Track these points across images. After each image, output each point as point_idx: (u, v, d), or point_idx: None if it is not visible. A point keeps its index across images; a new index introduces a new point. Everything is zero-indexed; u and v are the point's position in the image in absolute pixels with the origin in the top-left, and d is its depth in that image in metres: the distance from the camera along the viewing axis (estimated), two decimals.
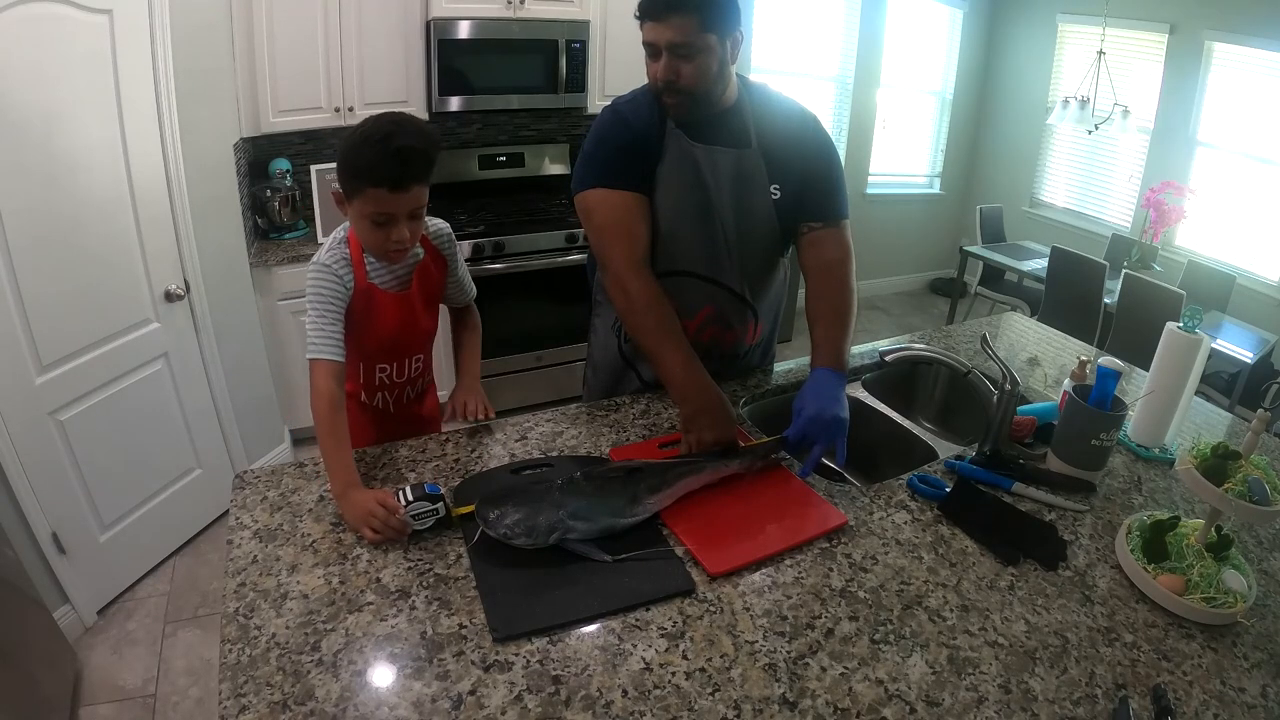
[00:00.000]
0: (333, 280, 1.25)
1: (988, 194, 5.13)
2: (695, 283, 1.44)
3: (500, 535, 1.03)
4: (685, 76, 1.26)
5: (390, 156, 1.15)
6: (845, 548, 1.11)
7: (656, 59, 1.27)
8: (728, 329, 1.51)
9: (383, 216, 1.20)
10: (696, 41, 1.24)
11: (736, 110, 1.38)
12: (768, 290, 1.54)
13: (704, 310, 1.47)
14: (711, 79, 1.29)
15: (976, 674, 0.91)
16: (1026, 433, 1.41)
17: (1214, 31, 3.89)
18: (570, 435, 1.36)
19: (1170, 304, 3.10)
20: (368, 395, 1.45)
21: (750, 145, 1.38)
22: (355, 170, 1.18)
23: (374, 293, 1.30)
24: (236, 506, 1.14)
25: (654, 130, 1.35)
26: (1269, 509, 0.98)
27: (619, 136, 1.35)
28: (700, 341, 1.45)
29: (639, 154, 1.35)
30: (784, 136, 1.40)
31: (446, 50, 2.89)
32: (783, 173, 1.40)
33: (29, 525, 1.88)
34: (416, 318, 1.38)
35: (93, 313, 2.01)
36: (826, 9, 4.42)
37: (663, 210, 1.38)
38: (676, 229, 1.39)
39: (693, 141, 1.35)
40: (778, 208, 1.42)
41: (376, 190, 1.17)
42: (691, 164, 1.36)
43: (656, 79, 1.29)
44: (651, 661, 0.89)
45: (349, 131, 1.21)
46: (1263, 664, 0.96)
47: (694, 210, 1.38)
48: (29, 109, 1.76)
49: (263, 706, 0.81)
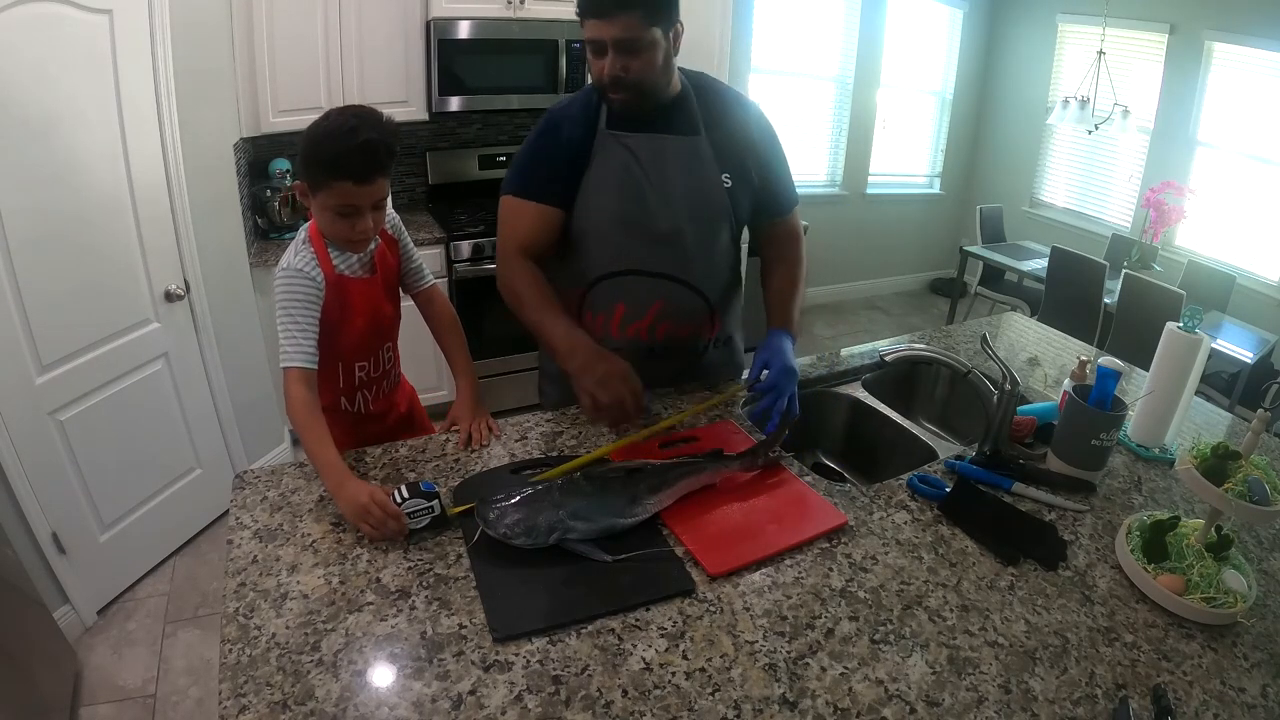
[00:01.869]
0: (305, 283, 1.25)
1: (988, 194, 5.13)
2: (639, 279, 1.42)
3: (500, 535, 1.03)
4: (633, 71, 1.28)
5: (355, 151, 1.17)
6: (845, 548, 1.11)
7: (601, 56, 1.28)
8: (682, 322, 1.47)
9: (348, 208, 1.22)
10: (643, 36, 1.25)
11: (682, 100, 1.39)
12: (722, 281, 1.51)
13: (654, 306, 1.44)
14: (658, 72, 1.31)
15: (976, 674, 0.91)
16: (1026, 433, 1.41)
17: (1214, 31, 3.89)
18: (570, 435, 1.36)
19: (1170, 304, 3.10)
20: (348, 401, 1.44)
21: (699, 133, 1.39)
22: (320, 165, 1.20)
23: (344, 283, 1.32)
24: (236, 506, 1.14)
25: (585, 136, 1.37)
26: (1269, 509, 0.98)
27: (545, 148, 1.38)
28: (656, 341, 1.45)
29: (562, 165, 1.37)
30: (732, 125, 1.41)
31: (446, 50, 2.90)
32: (733, 161, 1.41)
33: (29, 525, 1.87)
34: (381, 304, 1.40)
35: (93, 313, 2.01)
36: (826, 9, 4.42)
37: (596, 213, 1.38)
38: (611, 230, 1.39)
39: (632, 133, 1.36)
40: (730, 195, 1.42)
41: (342, 184, 1.19)
42: (628, 160, 1.36)
43: (602, 76, 1.30)
44: (651, 661, 0.89)
45: (311, 125, 1.22)
46: (1263, 664, 0.96)
47: (632, 206, 1.37)
48: (29, 109, 1.76)
49: (263, 706, 0.81)
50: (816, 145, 4.77)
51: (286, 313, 1.24)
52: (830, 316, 4.90)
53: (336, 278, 1.31)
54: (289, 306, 1.24)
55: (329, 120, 1.21)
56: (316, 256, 1.28)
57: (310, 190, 1.24)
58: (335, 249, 1.32)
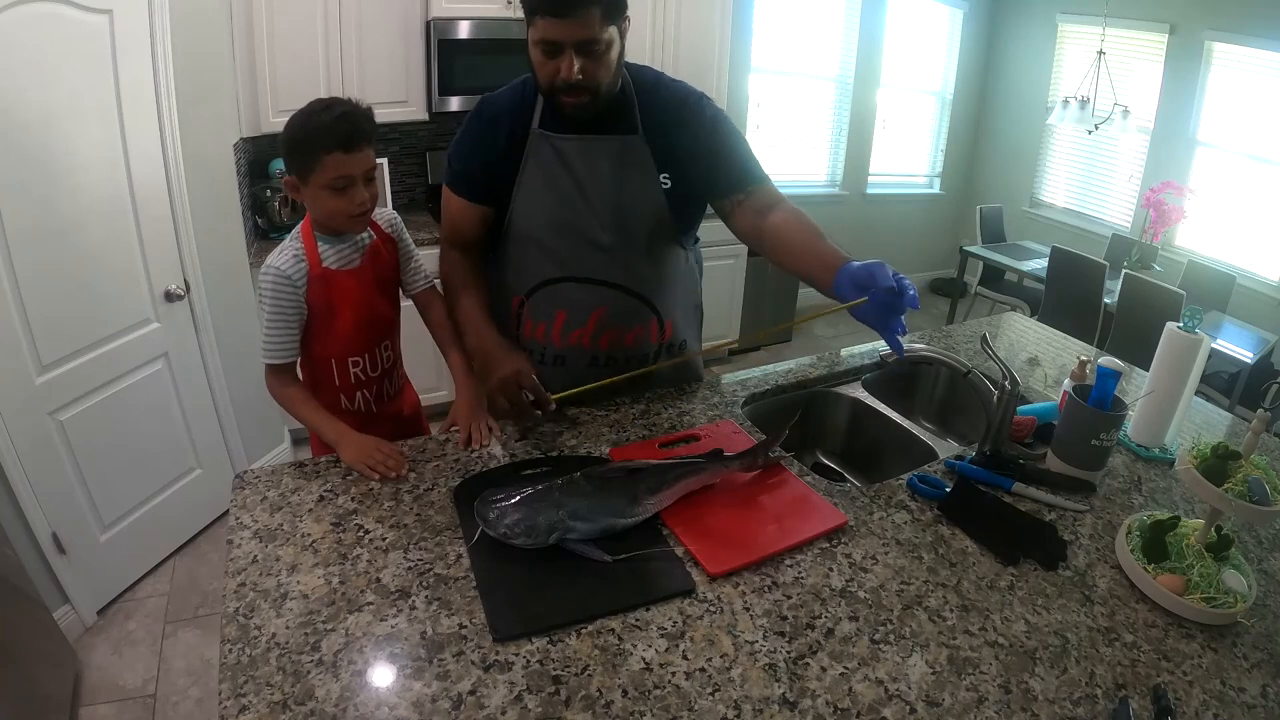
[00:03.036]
0: (281, 282, 1.29)
1: (988, 194, 5.13)
2: (578, 286, 1.38)
3: (500, 535, 1.03)
4: (591, 74, 1.20)
5: (337, 120, 1.23)
6: (845, 548, 1.11)
7: (554, 56, 1.19)
8: (626, 329, 1.42)
9: (342, 180, 1.25)
10: (602, 36, 1.17)
11: (620, 97, 1.31)
12: (666, 283, 1.45)
13: (595, 313, 1.39)
14: (615, 71, 1.24)
15: (976, 674, 0.91)
16: (1026, 433, 1.41)
17: (1214, 31, 3.90)
18: (570, 435, 1.36)
19: (1170, 304, 3.10)
20: (347, 398, 1.44)
21: (635, 131, 1.32)
22: (307, 142, 1.25)
23: (330, 276, 1.33)
24: (236, 506, 1.14)
25: (517, 135, 1.32)
26: (1269, 509, 0.98)
27: (476, 145, 1.35)
28: (600, 349, 1.42)
29: (493, 163, 1.34)
30: (673, 122, 1.33)
31: (446, 50, 2.90)
32: (674, 161, 1.33)
33: (29, 525, 1.88)
34: (372, 298, 1.40)
35: (93, 313, 2.01)
36: (826, 9, 4.43)
37: (529, 218, 1.35)
38: (546, 235, 1.36)
39: (564, 135, 1.31)
40: (669, 197, 1.35)
41: (331, 155, 1.23)
42: (559, 163, 1.31)
43: (556, 78, 1.20)
44: (651, 661, 0.89)
45: (288, 121, 1.28)
46: (1263, 664, 0.96)
47: (565, 211, 1.33)
48: (29, 109, 1.76)
49: (263, 706, 0.81)
50: (816, 145, 4.78)
51: (268, 311, 1.30)
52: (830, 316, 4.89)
53: (322, 271, 1.32)
54: (271, 306, 1.30)
55: (305, 108, 1.27)
56: (304, 249, 1.31)
57: (301, 179, 1.27)
58: (326, 241, 1.33)
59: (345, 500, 1.15)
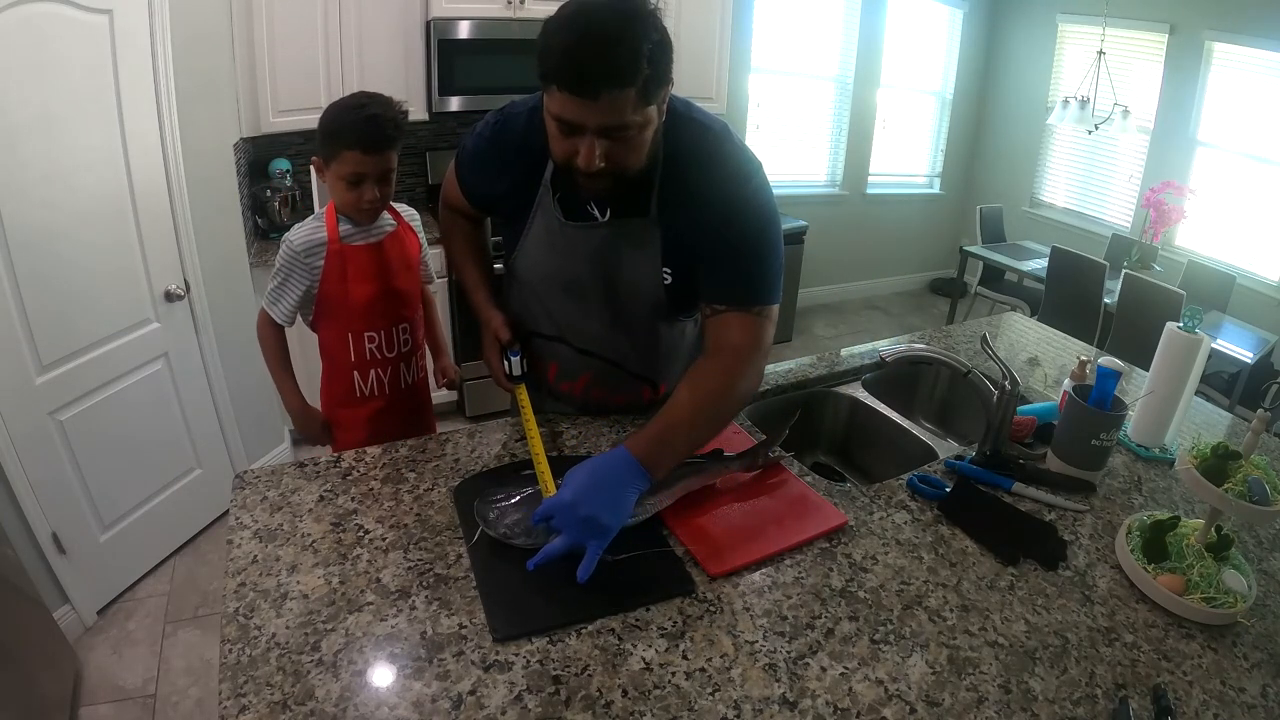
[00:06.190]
0: (290, 256, 1.42)
1: (988, 194, 5.13)
2: (570, 351, 1.33)
3: (500, 535, 1.03)
4: (617, 160, 0.98)
5: (363, 122, 1.34)
6: (845, 548, 1.11)
7: (574, 135, 0.96)
8: (615, 393, 1.39)
9: (356, 177, 1.37)
10: (635, 119, 0.94)
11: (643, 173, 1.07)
12: (664, 356, 1.34)
13: (583, 377, 1.36)
14: (645, 153, 1.03)
15: (976, 674, 0.91)
16: (1026, 433, 1.41)
17: (1214, 31, 3.90)
18: (570, 435, 1.36)
19: (1170, 304, 3.10)
20: (361, 376, 1.51)
21: (647, 214, 1.12)
22: (334, 135, 1.36)
23: (346, 251, 1.44)
24: (236, 506, 1.14)
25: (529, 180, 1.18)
26: (1269, 509, 0.98)
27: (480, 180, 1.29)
28: (590, 399, 1.40)
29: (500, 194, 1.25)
30: (697, 210, 1.09)
31: (446, 50, 2.89)
32: (682, 253, 1.14)
33: (29, 525, 1.87)
34: (392, 272, 1.49)
35: (93, 313, 2.01)
36: (826, 9, 4.42)
37: (528, 271, 1.27)
38: (543, 292, 1.28)
39: (571, 223, 1.16)
40: (669, 292, 1.18)
41: (351, 153, 1.35)
42: (561, 234, 1.18)
43: (573, 158, 0.98)
44: (651, 661, 0.89)
45: (327, 107, 1.38)
46: (1263, 664, 0.96)
47: (564, 281, 1.24)
48: (29, 109, 1.76)
49: (263, 706, 0.81)
50: (816, 145, 4.78)
51: (278, 276, 1.44)
52: (830, 316, 4.90)
53: (340, 246, 1.43)
54: (281, 273, 1.44)
55: (343, 99, 1.39)
56: (325, 224, 1.43)
57: (325, 162, 1.39)
58: (347, 221, 1.46)
59: (345, 500, 1.15)
